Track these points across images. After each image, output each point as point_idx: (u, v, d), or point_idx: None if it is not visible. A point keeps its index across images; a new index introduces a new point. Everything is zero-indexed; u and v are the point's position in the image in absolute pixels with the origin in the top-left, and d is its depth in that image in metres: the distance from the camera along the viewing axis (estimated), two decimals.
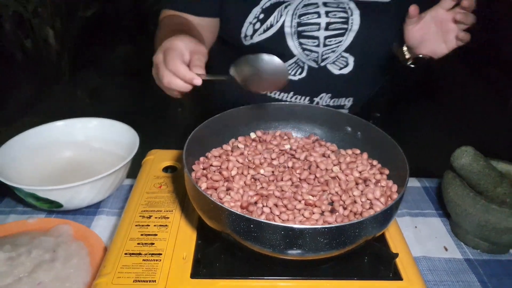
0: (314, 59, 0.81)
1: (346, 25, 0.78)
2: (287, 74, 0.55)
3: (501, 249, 0.63)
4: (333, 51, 0.80)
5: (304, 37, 0.79)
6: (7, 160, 0.68)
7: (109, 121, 0.80)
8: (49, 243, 0.57)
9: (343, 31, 0.79)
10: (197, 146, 0.56)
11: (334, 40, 0.79)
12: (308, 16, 0.77)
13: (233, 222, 0.43)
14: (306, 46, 0.79)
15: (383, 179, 0.55)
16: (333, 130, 0.64)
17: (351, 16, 0.78)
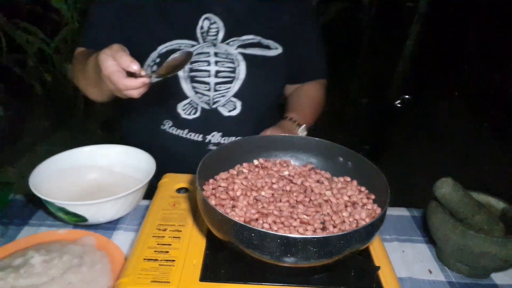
0: (206, 102, 0.94)
1: (234, 74, 0.92)
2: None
3: (481, 273, 0.69)
4: (223, 95, 0.94)
5: (197, 81, 0.92)
6: (41, 179, 0.78)
7: (129, 148, 0.90)
8: (76, 250, 0.65)
9: (231, 79, 0.92)
10: (207, 170, 0.65)
11: (223, 86, 0.92)
12: (200, 64, 0.90)
13: (237, 232, 0.51)
14: (199, 90, 0.93)
15: (369, 203, 0.63)
16: (327, 160, 0.72)
17: (238, 66, 0.92)
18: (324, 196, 0.65)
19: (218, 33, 0.93)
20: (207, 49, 0.92)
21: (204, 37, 0.93)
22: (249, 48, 0.94)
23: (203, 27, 0.93)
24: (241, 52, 0.93)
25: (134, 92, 0.68)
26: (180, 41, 0.92)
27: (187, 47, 0.91)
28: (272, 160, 0.73)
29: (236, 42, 0.94)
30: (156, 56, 0.91)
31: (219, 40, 0.93)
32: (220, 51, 0.92)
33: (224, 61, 0.92)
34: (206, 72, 0.92)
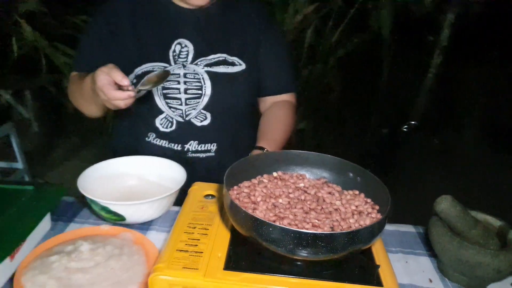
0: (180, 115, 1.08)
1: (201, 90, 1.06)
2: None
3: (478, 284, 0.76)
4: (194, 109, 1.08)
5: (169, 98, 1.06)
6: (86, 182, 0.89)
7: (163, 159, 1.01)
8: (117, 243, 0.75)
9: (199, 95, 1.07)
10: (232, 178, 0.75)
11: (193, 101, 1.07)
12: (171, 83, 1.05)
13: (257, 227, 0.60)
14: (172, 105, 1.07)
15: (374, 212, 0.71)
16: (338, 175, 0.81)
17: (204, 84, 1.07)
18: (334, 205, 0.73)
19: (188, 55, 1.07)
20: (177, 71, 1.06)
21: (175, 59, 1.07)
22: (215, 66, 1.07)
23: (175, 51, 1.07)
24: (206, 71, 1.07)
25: (121, 102, 0.86)
26: (154, 63, 1.06)
27: (160, 69, 1.05)
28: (289, 173, 0.83)
29: (203, 62, 1.07)
30: (133, 77, 1.05)
31: (188, 62, 1.07)
32: (189, 71, 1.06)
33: (192, 80, 1.06)
34: (177, 90, 1.06)
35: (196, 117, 1.08)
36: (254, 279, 0.62)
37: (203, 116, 1.08)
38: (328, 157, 0.82)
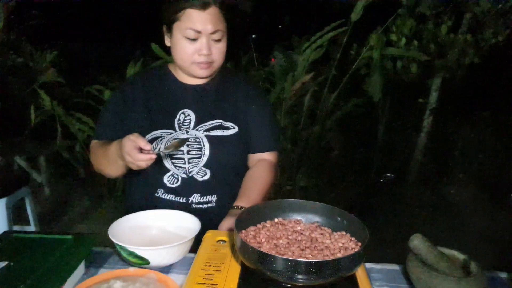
0: (184, 172, 1.26)
1: (201, 152, 1.25)
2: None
3: None
4: (196, 166, 1.26)
5: (174, 158, 1.25)
6: (115, 232, 1.05)
7: (180, 212, 1.17)
8: (144, 281, 0.90)
9: (200, 155, 1.25)
10: (241, 224, 0.92)
11: (195, 160, 1.25)
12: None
13: (262, 259, 0.76)
14: (177, 164, 1.26)
15: (357, 248, 0.87)
16: (328, 219, 0.98)
17: (203, 146, 1.26)
18: (325, 244, 0.89)
19: (190, 122, 1.27)
20: (181, 135, 1.25)
21: (180, 126, 1.27)
22: (212, 130, 1.27)
23: (180, 120, 1.28)
24: (206, 135, 1.26)
25: (143, 163, 1.06)
26: (162, 130, 1.26)
27: (167, 134, 1.25)
28: (288, 219, 0.99)
29: (203, 127, 1.27)
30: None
31: (191, 128, 1.27)
32: (191, 135, 1.26)
33: (193, 143, 1.25)
34: (180, 151, 1.25)
35: (197, 173, 1.26)
36: None
37: (203, 172, 1.26)
38: (320, 205, 1.00)
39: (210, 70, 1.25)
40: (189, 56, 1.21)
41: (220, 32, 1.20)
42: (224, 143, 1.27)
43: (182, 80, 1.32)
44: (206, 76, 1.28)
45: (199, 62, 1.22)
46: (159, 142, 1.24)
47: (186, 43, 1.20)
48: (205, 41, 1.19)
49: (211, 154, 1.26)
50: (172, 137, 1.24)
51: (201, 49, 1.19)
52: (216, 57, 1.23)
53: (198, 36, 1.18)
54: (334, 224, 0.97)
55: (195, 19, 1.16)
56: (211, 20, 1.17)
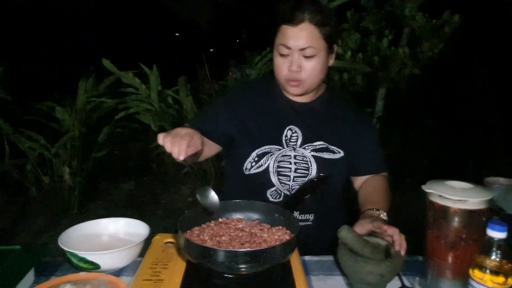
0: (287, 189, 1.26)
1: (307, 171, 1.25)
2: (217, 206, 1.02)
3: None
4: (299, 185, 1.25)
5: (281, 175, 1.24)
6: (67, 239, 1.09)
7: (130, 220, 1.23)
8: (95, 283, 0.95)
9: (306, 174, 1.25)
10: (185, 225, 0.99)
11: (299, 179, 1.25)
12: (284, 163, 1.25)
13: (204, 253, 0.84)
14: (282, 180, 1.25)
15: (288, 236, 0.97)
16: (267, 216, 1.07)
17: (310, 166, 1.25)
18: (263, 238, 0.98)
19: (297, 140, 1.26)
20: (289, 153, 1.24)
21: (287, 143, 1.25)
22: (319, 152, 1.25)
23: (287, 136, 1.26)
24: (313, 155, 1.25)
25: (175, 150, 0.92)
26: (271, 146, 1.25)
27: (276, 150, 1.24)
28: (231, 218, 1.08)
29: (310, 147, 1.25)
30: (255, 156, 1.24)
31: (298, 145, 1.25)
32: (298, 154, 1.24)
33: (301, 162, 1.24)
34: (288, 169, 1.24)
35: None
36: None
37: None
38: (259, 203, 1.09)
39: (301, 88, 1.23)
40: (282, 72, 1.21)
41: (312, 49, 1.16)
42: (331, 166, 1.26)
43: (289, 96, 1.31)
44: (298, 94, 1.26)
45: (289, 79, 1.21)
46: (269, 157, 1.24)
47: (279, 59, 1.20)
48: (296, 57, 1.17)
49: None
50: (281, 153, 1.24)
51: (291, 65, 1.18)
52: (306, 74, 1.19)
53: (290, 52, 1.17)
54: (273, 220, 1.07)
55: (287, 34, 1.16)
56: (303, 36, 1.15)
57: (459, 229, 0.92)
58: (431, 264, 1.00)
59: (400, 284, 1.03)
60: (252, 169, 1.25)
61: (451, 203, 0.92)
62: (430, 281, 1.00)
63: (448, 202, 0.92)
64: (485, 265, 0.78)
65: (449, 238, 0.93)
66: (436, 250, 0.97)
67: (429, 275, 1.00)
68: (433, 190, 0.94)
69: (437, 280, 0.97)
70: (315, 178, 1.18)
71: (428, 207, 0.98)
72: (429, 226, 0.99)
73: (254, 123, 1.28)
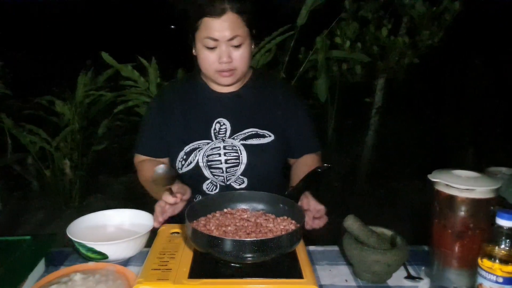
0: (222, 181, 1.28)
1: (238, 160, 1.27)
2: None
3: (378, 279, 1.01)
4: (233, 175, 1.27)
5: (212, 168, 1.27)
6: (75, 230, 1.10)
7: (135, 211, 1.24)
8: (103, 273, 0.96)
9: (237, 163, 1.27)
10: (192, 215, 1.00)
11: (232, 169, 1.27)
12: (213, 156, 1.27)
13: (211, 242, 0.85)
14: (215, 173, 1.27)
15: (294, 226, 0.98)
16: (272, 206, 1.08)
17: (241, 154, 1.27)
18: (268, 228, 0.99)
19: (226, 131, 1.28)
20: (218, 144, 1.26)
21: (216, 136, 1.27)
22: (249, 139, 1.27)
23: (216, 129, 1.28)
24: (242, 144, 1.26)
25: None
26: (199, 141, 1.27)
27: (204, 145, 1.27)
28: (236, 209, 1.09)
29: (239, 136, 1.27)
30: (183, 154, 1.27)
31: (227, 137, 1.27)
32: (227, 144, 1.26)
33: (230, 152, 1.26)
34: (218, 161, 1.26)
35: (235, 181, 1.28)
36: (211, 282, 0.86)
37: (241, 181, 1.28)
38: (264, 194, 1.10)
39: (234, 78, 1.24)
40: (211, 65, 1.21)
41: (239, 37, 1.17)
42: (261, 152, 1.27)
43: (214, 88, 1.32)
44: (230, 84, 1.27)
45: (220, 71, 1.21)
46: (197, 153, 1.26)
47: (206, 52, 1.19)
48: (224, 48, 1.17)
49: (248, 163, 1.26)
50: (209, 147, 1.27)
51: (221, 57, 1.18)
52: (238, 63, 1.21)
53: (217, 44, 1.17)
54: (278, 210, 1.07)
55: (211, 27, 1.15)
56: (228, 27, 1.15)
57: (466, 218, 0.93)
58: (437, 254, 1.01)
59: (405, 274, 1.05)
60: (183, 167, 1.27)
61: (458, 192, 0.92)
62: (436, 271, 1.01)
63: (455, 191, 0.93)
64: (494, 254, 0.79)
65: (456, 228, 0.94)
66: (443, 239, 0.97)
67: (435, 265, 1.01)
68: (439, 179, 0.95)
69: (443, 269, 0.99)
70: (318, 168, 1.18)
71: (434, 196, 0.98)
72: (435, 215, 1.00)
73: (182, 122, 1.30)
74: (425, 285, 0.99)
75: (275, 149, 1.30)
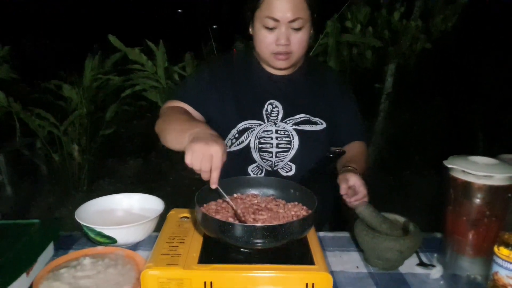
0: (269, 165, 1.25)
1: (289, 145, 1.23)
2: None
3: (390, 266, 1.00)
4: (282, 160, 1.24)
5: (262, 151, 1.23)
6: (83, 214, 1.09)
7: (144, 195, 1.23)
8: (112, 257, 0.96)
9: (288, 149, 1.24)
10: (201, 199, 0.98)
11: (282, 154, 1.24)
12: (265, 139, 1.23)
13: (221, 227, 0.84)
14: (264, 157, 1.24)
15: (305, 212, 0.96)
16: (283, 192, 1.06)
17: (292, 140, 1.24)
18: (279, 213, 0.98)
19: (278, 114, 1.24)
20: (270, 128, 1.23)
21: (268, 118, 1.23)
22: (301, 125, 1.24)
23: (268, 110, 1.24)
24: (295, 129, 1.23)
25: (206, 175, 0.90)
26: (252, 121, 1.23)
27: (256, 126, 1.22)
28: (246, 194, 1.07)
29: (291, 121, 1.24)
30: (236, 132, 1.23)
31: (279, 120, 1.23)
32: (279, 128, 1.23)
33: (282, 136, 1.22)
34: (269, 144, 1.22)
35: (282, 168, 1.24)
36: (221, 267, 0.84)
37: (288, 168, 1.24)
38: (274, 179, 1.08)
39: (289, 62, 1.19)
40: (267, 46, 1.16)
41: (300, 20, 1.12)
42: (313, 139, 1.24)
43: (268, 69, 1.27)
44: (285, 68, 1.22)
45: (277, 53, 1.16)
46: (250, 133, 1.22)
47: (265, 33, 1.15)
48: (284, 30, 1.12)
49: (300, 149, 1.23)
50: (261, 129, 1.22)
51: (279, 39, 1.13)
52: (295, 47, 1.16)
53: (277, 25, 1.12)
54: (288, 196, 1.06)
55: (274, 6, 1.11)
56: (291, 8, 1.10)
57: (482, 205, 0.90)
58: (451, 241, 0.99)
59: (418, 261, 1.03)
60: (232, 146, 1.24)
61: (475, 179, 0.90)
62: (450, 259, 0.99)
63: (472, 178, 0.90)
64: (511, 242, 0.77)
65: (471, 215, 0.92)
66: (457, 227, 0.95)
67: (448, 252, 0.99)
68: (456, 166, 0.92)
69: (457, 257, 0.97)
70: (331, 153, 1.16)
71: (449, 183, 0.96)
72: (450, 202, 0.97)
73: (234, 98, 1.24)
74: (438, 272, 0.97)
75: (326, 137, 1.27)
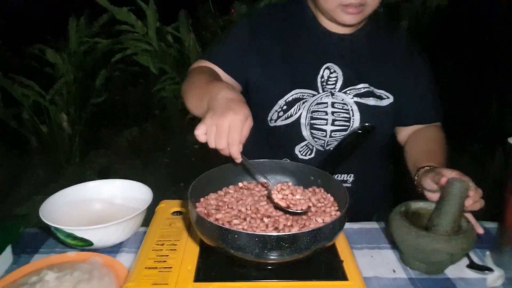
0: (321, 145, 1.02)
1: (348, 123, 1.00)
2: None
3: (435, 270, 0.80)
4: (336, 140, 1.00)
5: (315, 128, 1.00)
6: (50, 210, 0.88)
7: (128, 182, 1.01)
8: (86, 268, 0.75)
9: (346, 128, 1.00)
10: (198, 192, 0.77)
11: (338, 133, 1.00)
12: (319, 113, 0.99)
13: (223, 235, 0.62)
14: (316, 135, 1.01)
15: (334, 210, 0.74)
16: (300, 179, 0.84)
17: (352, 116, 1.00)
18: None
19: (336, 82, 1.00)
20: (325, 99, 0.99)
21: (323, 87, 1.00)
22: (364, 97, 1.00)
23: (324, 76, 1.00)
24: (356, 101, 0.99)
25: (224, 150, 0.72)
26: (303, 90, 1.00)
27: (309, 96, 0.99)
28: (254, 183, 0.85)
29: (352, 91, 1.00)
30: (283, 103, 1.00)
31: (337, 89, 1.00)
32: (337, 100, 0.99)
33: (340, 111, 0.99)
34: (324, 121, 1.00)
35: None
36: (225, 287, 0.64)
37: None
38: (288, 163, 0.86)
39: (361, 16, 0.95)
40: None
41: None
42: (377, 116, 1.01)
43: (325, 25, 1.03)
44: (354, 24, 0.98)
45: (346, 5, 0.92)
46: (301, 105, 0.99)
47: None
48: None
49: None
50: (315, 101, 0.99)
51: None
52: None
53: None
54: (306, 185, 0.84)
55: None
56: None
57: None
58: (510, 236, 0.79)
59: (467, 262, 0.83)
60: (279, 120, 1.00)
61: None
62: (509, 256, 0.79)
63: None
64: None
65: None
66: None
67: (507, 249, 0.80)
68: None
69: None
70: (360, 129, 0.93)
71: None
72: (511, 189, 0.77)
73: (282, 61, 1.01)
74: (499, 279, 0.77)
75: (393, 114, 1.03)
